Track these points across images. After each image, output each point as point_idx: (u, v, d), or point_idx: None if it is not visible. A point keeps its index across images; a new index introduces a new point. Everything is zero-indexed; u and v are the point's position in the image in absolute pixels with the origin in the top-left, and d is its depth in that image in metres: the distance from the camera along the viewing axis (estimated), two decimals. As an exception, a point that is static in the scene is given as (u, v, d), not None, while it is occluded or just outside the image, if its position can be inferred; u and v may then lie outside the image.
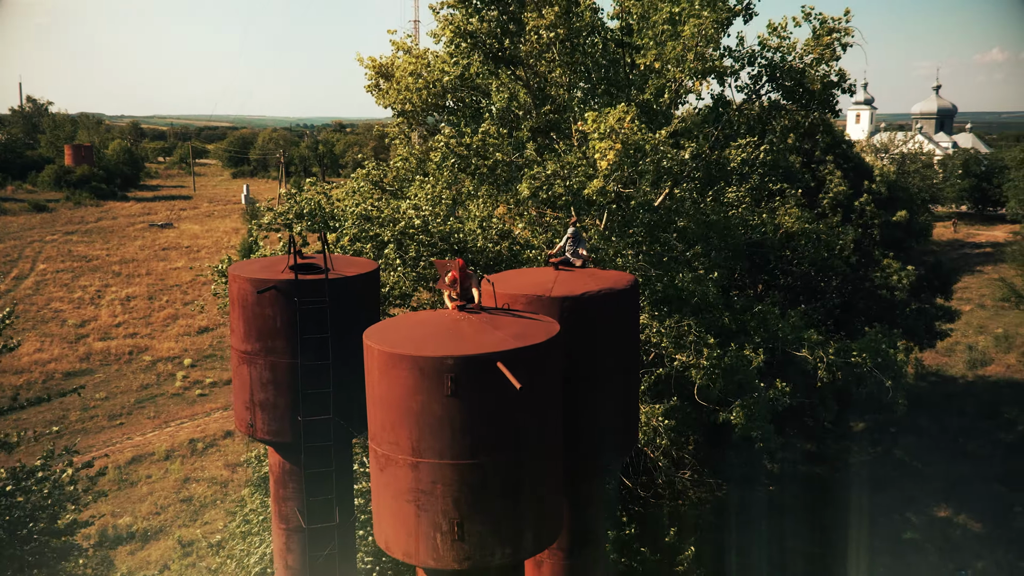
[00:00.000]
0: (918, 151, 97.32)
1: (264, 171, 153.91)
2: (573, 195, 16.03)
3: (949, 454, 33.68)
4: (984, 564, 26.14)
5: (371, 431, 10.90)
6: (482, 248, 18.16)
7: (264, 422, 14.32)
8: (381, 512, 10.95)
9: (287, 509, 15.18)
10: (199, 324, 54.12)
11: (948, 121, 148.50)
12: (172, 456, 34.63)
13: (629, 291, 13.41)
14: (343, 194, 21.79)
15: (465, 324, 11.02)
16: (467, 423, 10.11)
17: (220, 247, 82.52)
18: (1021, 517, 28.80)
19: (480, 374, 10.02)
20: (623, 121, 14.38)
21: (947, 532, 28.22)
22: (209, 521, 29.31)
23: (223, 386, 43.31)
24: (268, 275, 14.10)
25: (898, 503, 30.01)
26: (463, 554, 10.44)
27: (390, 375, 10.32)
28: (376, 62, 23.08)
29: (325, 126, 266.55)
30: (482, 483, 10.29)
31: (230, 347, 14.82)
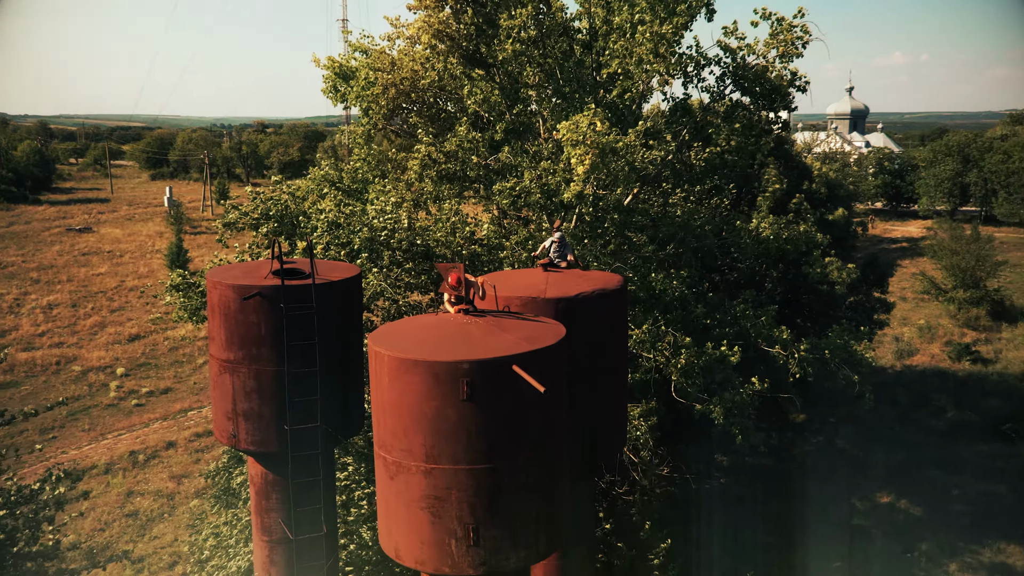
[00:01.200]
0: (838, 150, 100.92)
1: (185, 173, 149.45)
2: (548, 199, 16.08)
3: (887, 442, 35.04)
4: (928, 546, 27.28)
5: (379, 439, 10.72)
6: (455, 251, 18.05)
7: (248, 432, 13.93)
8: (391, 520, 10.79)
9: (270, 520, 14.80)
10: (129, 331, 52.23)
11: (861, 121, 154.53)
12: (112, 470, 33.34)
13: (619, 292, 13.56)
14: (304, 193, 21.33)
15: (473, 328, 10.95)
16: (483, 427, 10.05)
17: (144, 251, 79.84)
18: (958, 500, 30.17)
19: (496, 378, 9.97)
20: (595, 125, 14.52)
21: (891, 517, 29.36)
22: (158, 536, 28.33)
23: (160, 395, 41.95)
24: (251, 281, 13.72)
25: (844, 491, 31.07)
26: (478, 559, 10.38)
27: (402, 381, 10.17)
28: (334, 62, 22.70)
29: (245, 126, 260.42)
30: (498, 487, 10.24)
31: (209, 356, 14.36)
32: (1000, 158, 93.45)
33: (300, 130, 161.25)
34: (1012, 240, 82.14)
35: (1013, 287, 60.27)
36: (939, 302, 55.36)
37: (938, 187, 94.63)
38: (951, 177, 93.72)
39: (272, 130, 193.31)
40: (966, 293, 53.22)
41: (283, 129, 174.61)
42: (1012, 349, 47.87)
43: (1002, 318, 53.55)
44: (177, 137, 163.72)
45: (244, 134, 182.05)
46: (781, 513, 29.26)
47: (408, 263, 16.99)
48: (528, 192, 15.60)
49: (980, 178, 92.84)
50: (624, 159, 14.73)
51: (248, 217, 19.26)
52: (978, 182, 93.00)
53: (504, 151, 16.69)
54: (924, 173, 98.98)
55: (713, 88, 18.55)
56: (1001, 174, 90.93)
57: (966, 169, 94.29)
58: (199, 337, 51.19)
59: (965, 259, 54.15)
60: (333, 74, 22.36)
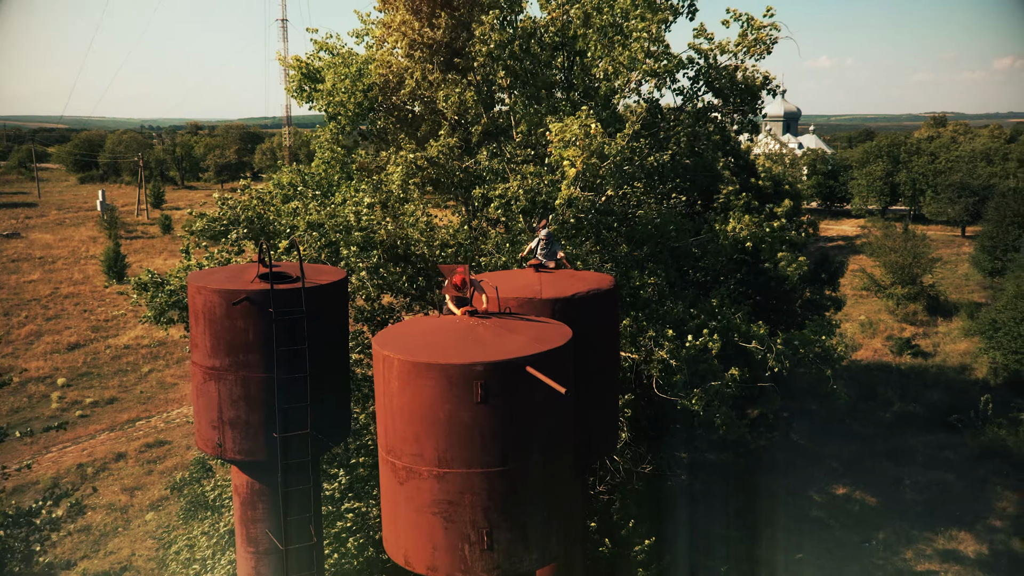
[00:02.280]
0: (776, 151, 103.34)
1: (116, 176, 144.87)
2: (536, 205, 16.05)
3: (839, 435, 35.98)
4: (884, 535, 28.10)
5: (387, 444, 10.53)
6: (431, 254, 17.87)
7: (235, 441, 13.55)
8: (400, 526, 10.61)
9: (256, 531, 14.43)
10: (68, 340, 50.41)
11: (793, 123, 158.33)
12: (60, 484, 32.06)
13: (612, 292, 13.62)
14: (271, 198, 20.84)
15: (481, 329, 10.86)
16: (497, 430, 9.97)
17: (78, 257, 77.14)
18: (909, 489, 31.15)
19: (510, 379, 9.90)
20: (588, 128, 14.57)
21: (848, 508, 30.15)
22: (114, 551, 27.37)
23: (106, 405, 40.58)
24: (236, 285, 13.35)
25: (801, 484, 31.79)
26: (492, 563, 10.29)
27: (414, 385, 10.02)
28: (301, 62, 22.28)
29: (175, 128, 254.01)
30: (511, 490, 10.18)
31: (191, 364, 13.92)
32: (927, 159, 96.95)
33: (235, 132, 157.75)
34: (940, 238, 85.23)
35: (946, 283, 62.56)
36: (878, 298, 57.10)
37: (870, 187, 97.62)
38: (882, 177, 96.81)
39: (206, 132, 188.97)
40: (904, 289, 55.06)
41: (218, 131, 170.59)
42: (949, 343, 49.66)
43: (938, 313, 55.53)
44: (106, 139, 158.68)
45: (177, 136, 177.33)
46: (743, 508, 29.76)
47: (390, 264, 16.74)
48: (516, 198, 15.55)
49: (909, 178, 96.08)
50: (613, 161, 14.81)
51: (218, 223, 18.75)
52: (907, 182, 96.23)
53: (482, 153, 16.60)
54: (856, 174, 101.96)
55: (686, 89, 18.79)
56: (929, 174, 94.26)
57: (896, 170, 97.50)
58: (143, 345, 49.72)
59: (902, 256, 56.01)
60: (300, 74, 21.93)
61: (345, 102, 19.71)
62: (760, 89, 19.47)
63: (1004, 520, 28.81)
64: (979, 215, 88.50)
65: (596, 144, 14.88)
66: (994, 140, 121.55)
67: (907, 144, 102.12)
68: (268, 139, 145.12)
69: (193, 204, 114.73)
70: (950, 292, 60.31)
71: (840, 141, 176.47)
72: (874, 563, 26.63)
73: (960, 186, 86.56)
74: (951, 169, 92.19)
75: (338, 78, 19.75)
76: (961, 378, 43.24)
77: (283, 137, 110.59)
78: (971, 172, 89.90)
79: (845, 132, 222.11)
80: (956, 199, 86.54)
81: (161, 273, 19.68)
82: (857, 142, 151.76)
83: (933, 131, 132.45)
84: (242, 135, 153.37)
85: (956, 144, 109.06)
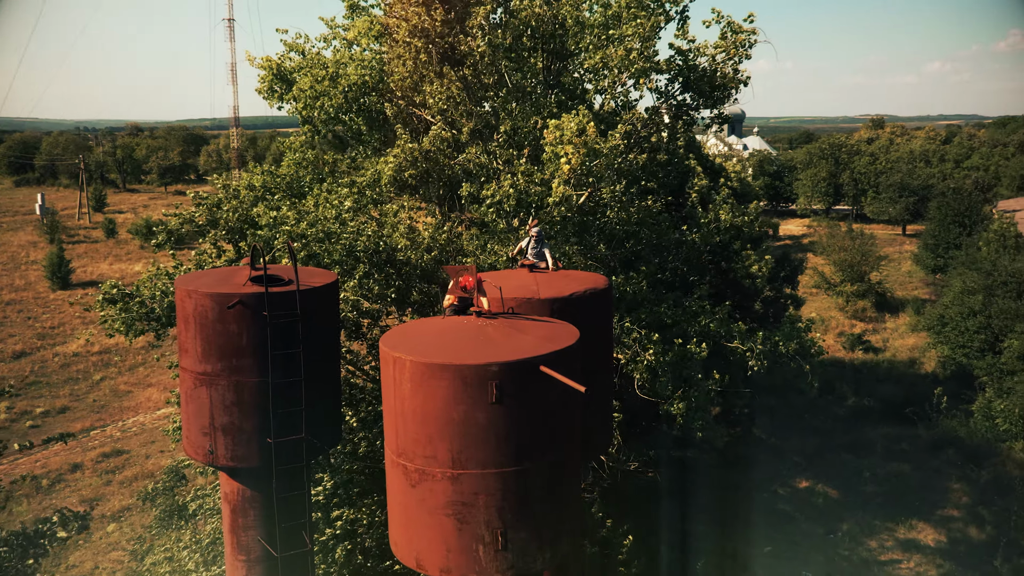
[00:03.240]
0: (725, 152, 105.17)
1: (53, 179, 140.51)
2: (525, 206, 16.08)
3: (799, 430, 36.77)
4: (848, 526, 28.81)
5: (398, 446, 10.45)
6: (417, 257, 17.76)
7: (228, 447, 13.30)
8: (411, 529, 10.54)
9: (247, 539, 14.17)
10: (13, 348, 48.76)
11: (738, 125, 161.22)
12: (14, 496, 31.04)
13: (607, 291, 13.73)
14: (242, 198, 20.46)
15: (490, 330, 10.85)
16: (511, 429, 9.97)
17: (18, 263, 74.66)
18: (870, 481, 31.99)
19: (525, 379, 9.91)
20: (585, 129, 14.67)
21: (811, 501, 30.83)
22: (76, 564, 26.56)
23: (57, 415, 39.36)
24: (227, 289, 13.11)
25: (765, 478, 32.39)
26: (506, 564, 10.28)
27: (428, 386, 9.96)
28: (271, 61, 21.95)
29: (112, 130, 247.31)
30: (525, 489, 10.19)
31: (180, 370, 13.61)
32: (868, 160, 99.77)
33: (178, 134, 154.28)
34: (882, 236, 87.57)
35: (891, 280, 64.40)
36: (828, 296, 58.50)
37: (815, 188, 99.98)
38: (826, 178, 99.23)
39: (147, 134, 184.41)
40: (853, 287, 56.53)
41: (159, 133, 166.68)
42: (897, 338, 51.13)
43: (885, 309, 57.15)
44: (42, 141, 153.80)
45: (117, 138, 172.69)
46: (710, 503, 30.19)
47: (375, 272, 16.58)
48: (508, 197, 15.56)
49: (851, 179, 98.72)
50: (605, 160, 14.93)
51: (193, 224, 18.35)
52: (850, 183, 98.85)
53: (472, 151, 16.57)
54: (801, 175, 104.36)
55: (663, 89, 19.04)
56: (870, 175, 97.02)
57: (839, 170, 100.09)
58: (93, 352, 48.37)
59: (851, 255, 57.51)
60: (271, 75, 21.59)
61: (325, 102, 19.42)
62: (733, 86, 19.77)
63: (960, 509, 29.79)
64: (919, 214, 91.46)
65: (591, 141, 14.98)
66: (930, 142, 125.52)
67: (848, 146, 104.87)
68: (213, 141, 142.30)
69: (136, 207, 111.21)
70: (896, 289, 62.12)
71: (781, 143, 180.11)
72: (840, 554, 27.29)
73: (901, 186, 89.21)
74: (891, 170, 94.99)
75: (316, 79, 19.49)
76: (911, 372, 44.57)
77: (231, 139, 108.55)
78: (911, 173, 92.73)
79: (785, 134, 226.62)
80: (897, 199, 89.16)
81: (127, 284, 19.14)
82: (798, 144, 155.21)
83: (872, 133, 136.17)
84: (185, 137, 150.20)
85: (895, 146, 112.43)
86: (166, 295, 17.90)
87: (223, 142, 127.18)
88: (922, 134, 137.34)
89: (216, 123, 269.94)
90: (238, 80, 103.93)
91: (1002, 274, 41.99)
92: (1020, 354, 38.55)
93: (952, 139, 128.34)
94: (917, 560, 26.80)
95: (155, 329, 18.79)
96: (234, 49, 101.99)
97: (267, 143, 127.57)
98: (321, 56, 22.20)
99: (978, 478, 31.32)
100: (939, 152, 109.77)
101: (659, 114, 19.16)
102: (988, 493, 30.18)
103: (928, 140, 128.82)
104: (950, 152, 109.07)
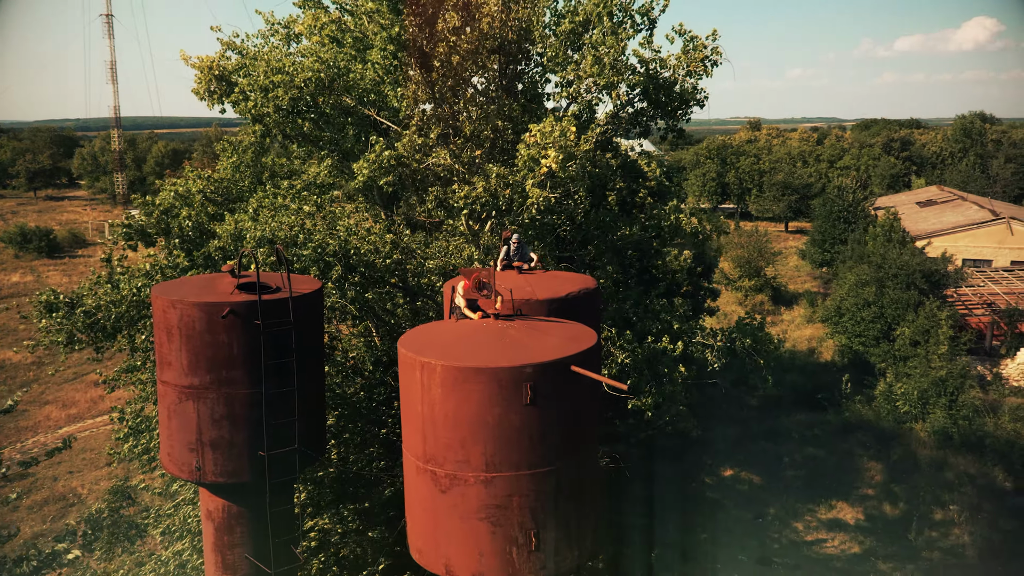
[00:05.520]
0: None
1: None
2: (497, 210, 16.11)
3: (718, 421, 38.15)
4: (775, 510, 30.19)
5: (426, 453, 10.32)
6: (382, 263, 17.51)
7: (217, 463, 12.81)
8: (441, 536, 10.44)
9: (234, 557, 13.68)
10: None
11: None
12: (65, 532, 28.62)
13: (597, 291, 13.99)
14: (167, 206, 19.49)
15: (512, 331, 10.87)
16: (544, 430, 10.05)
17: None
18: (789, 467, 33.60)
19: (557, 380, 10.00)
20: (567, 133, 14.84)
21: (738, 488, 32.12)
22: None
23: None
24: (211, 297, 12.63)
25: (692, 468, 33.49)
26: (539, 564, 10.34)
27: (462, 391, 9.90)
28: (208, 60, 21.07)
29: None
30: (558, 489, 10.28)
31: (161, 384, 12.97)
32: (751, 160, 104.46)
33: (45, 135, 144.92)
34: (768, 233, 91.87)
35: (782, 275, 67.66)
36: (728, 291, 60.90)
37: (703, 187, 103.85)
38: (714, 178, 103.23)
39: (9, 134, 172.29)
40: (751, 282, 59.10)
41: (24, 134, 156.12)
42: (794, 329, 53.79)
43: (780, 302, 60.02)
44: None
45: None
46: (642, 495, 30.94)
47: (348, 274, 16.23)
48: (480, 199, 15.53)
49: (737, 178, 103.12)
50: (579, 162, 15.14)
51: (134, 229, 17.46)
52: (735, 182, 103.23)
53: (442, 153, 16.46)
54: (689, 174, 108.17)
55: (624, 96, 19.46)
56: (754, 174, 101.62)
57: (724, 170, 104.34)
58: None
59: (747, 251, 60.10)
60: (211, 75, 20.71)
61: (280, 94, 18.71)
62: (692, 100, 20.37)
63: (873, 488, 31.69)
64: (800, 211, 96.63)
65: (570, 145, 15.17)
66: (803, 143, 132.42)
67: (733, 147, 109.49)
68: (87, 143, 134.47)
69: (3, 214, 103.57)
70: (788, 283, 65.32)
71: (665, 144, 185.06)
72: (770, 536, 28.55)
73: (783, 185, 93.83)
74: (773, 170, 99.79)
75: (271, 71, 18.80)
76: (812, 361, 47.02)
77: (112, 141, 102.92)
78: (791, 172, 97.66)
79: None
80: (780, 197, 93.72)
81: (67, 293, 18.02)
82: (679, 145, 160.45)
83: (751, 135, 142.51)
84: (54, 138, 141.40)
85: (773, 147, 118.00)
86: (117, 304, 16.94)
87: (99, 144, 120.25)
88: (796, 136, 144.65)
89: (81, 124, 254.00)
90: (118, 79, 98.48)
91: (892, 267, 44.88)
92: (912, 340, 41.36)
93: (824, 140, 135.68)
94: (841, 538, 28.35)
95: (99, 341, 17.78)
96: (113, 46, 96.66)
97: (147, 145, 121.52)
98: (272, 50, 21.55)
99: (887, 458, 33.41)
100: (815, 152, 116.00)
101: (618, 120, 19.57)
102: (898, 471, 32.25)
103: (802, 141, 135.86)
104: (824, 153, 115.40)
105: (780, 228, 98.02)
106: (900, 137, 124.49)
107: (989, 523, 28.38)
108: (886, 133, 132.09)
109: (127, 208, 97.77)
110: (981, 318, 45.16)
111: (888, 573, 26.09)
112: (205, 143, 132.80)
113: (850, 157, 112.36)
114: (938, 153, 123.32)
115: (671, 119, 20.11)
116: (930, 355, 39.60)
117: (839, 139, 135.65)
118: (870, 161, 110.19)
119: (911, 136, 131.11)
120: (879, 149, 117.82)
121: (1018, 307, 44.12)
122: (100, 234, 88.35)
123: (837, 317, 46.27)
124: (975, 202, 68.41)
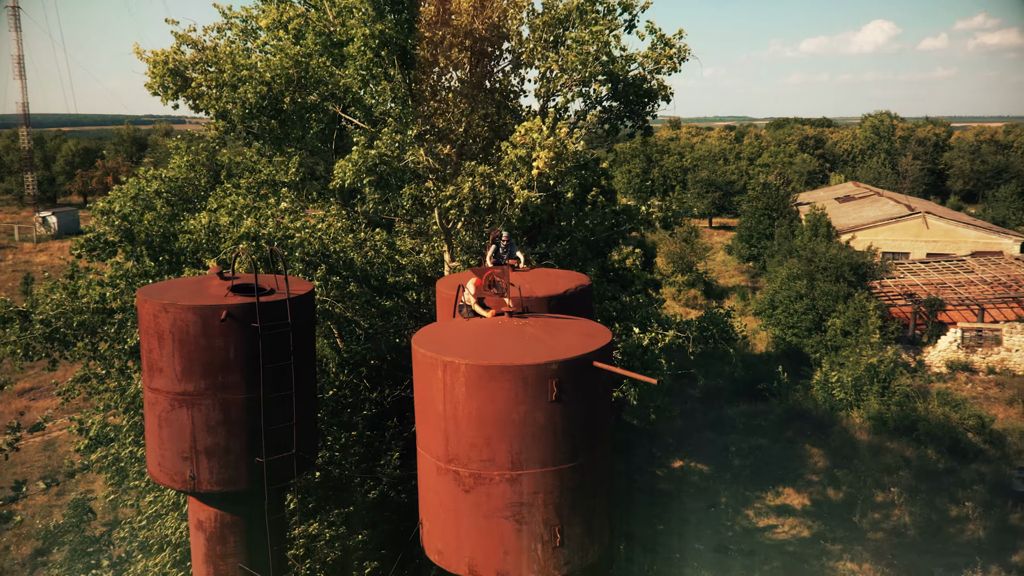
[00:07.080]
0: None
1: None
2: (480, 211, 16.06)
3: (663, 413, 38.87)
4: (725, 498, 30.96)
5: (448, 453, 10.24)
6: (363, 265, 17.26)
7: (212, 471, 12.45)
8: (464, 536, 10.37)
9: (227, 567, 13.31)
10: None
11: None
12: None
13: (591, 288, 14.15)
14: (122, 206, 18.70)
15: (529, 329, 10.88)
16: (568, 426, 10.12)
17: None
18: (736, 456, 34.48)
19: (580, 376, 10.06)
20: (557, 132, 14.89)
21: (688, 479, 32.80)
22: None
23: None
24: (201, 300, 12.27)
25: (642, 461, 34.04)
26: (563, 559, 10.40)
27: (487, 389, 9.86)
28: (163, 54, 20.34)
29: None
30: (581, 484, 10.36)
31: (149, 392, 12.49)
32: (675, 158, 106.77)
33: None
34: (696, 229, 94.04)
35: (712, 270, 69.37)
36: (663, 286, 62.12)
37: (629, 184, 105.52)
38: (640, 175, 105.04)
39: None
40: (684, 277, 60.41)
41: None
42: (728, 322, 55.21)
43: (712, 296, 61.53)
44: None
45: None
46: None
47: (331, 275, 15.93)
48: (466, 199, 15.45)
49: (662, 175, 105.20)
50: (566, 162, 15.21)
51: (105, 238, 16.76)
52: (660, 179, 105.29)
53: (420, 152, 16.30)
54: (616, 171, 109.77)
55: (601, 92, 19.64)
56: (678, 172, 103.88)
57: (650, 167, 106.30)
58: None
59: (679, 247, 61.41)
60: (164, 69, 19.98)
61: (247, 90, 18.18)
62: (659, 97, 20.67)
63: (817, 474, 32.84)
64: (724, 208, 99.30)
65: (558, 145, 15.25)
66: (722, 141, 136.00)
67: (658, 145, 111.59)
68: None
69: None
70: (719, 277, 67.02)
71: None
72: (724, 524, 29.27)
73: (707, 182, 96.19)
74: (697, 167, 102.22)
75: (235, 67, 18.27)
76: (748, 352, 48.33)
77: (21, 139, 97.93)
78: (714, 170, 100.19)
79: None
80: (704, 194, 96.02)
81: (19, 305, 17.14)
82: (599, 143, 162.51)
83: (672, 133, 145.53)
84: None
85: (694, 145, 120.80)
86: (78, 312, 16.22)
87: (3, 143, 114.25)
88: (714, 134, 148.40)
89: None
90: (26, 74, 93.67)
91: (821, 260, 46.56)
92: (842, 331, 43.01)
93: (743, 139, 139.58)
94: (791, 523, 29.28)
95: (58, 351, 17.01)
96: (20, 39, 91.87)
97: (56, 143, 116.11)
98: (229, 44, 20.93)
99: (828, 444, 34.66)
100: (735, 150, 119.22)
101: (586, 119, 19.76)
102: (838, 457, 33.50)
103: (721, 139, 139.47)
104: (744, 151, 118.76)
105: (704, 224, 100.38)
106: (814, 135, 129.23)
107: (927, 503, 29.76)
108: (799, 131, 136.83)
109: (37, 210, 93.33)
110: (903, 308, 47.31)
111: (837, 555, 27.07)
112: (117, 141, 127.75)
113: (768, 155, 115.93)
114: (849, 151, 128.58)
115: (639, 117, 20.40)
116: (861, 344, 41.27)
117: (757, 138, 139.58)
118: (787, 159, 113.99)
119: (823, 134, 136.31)
120: (795, 147, 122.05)
121: (938, 297, 46.37)
122: (9, 237, 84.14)
123: (771, 310, 47.73)
124: (891, 197, 71.54)
